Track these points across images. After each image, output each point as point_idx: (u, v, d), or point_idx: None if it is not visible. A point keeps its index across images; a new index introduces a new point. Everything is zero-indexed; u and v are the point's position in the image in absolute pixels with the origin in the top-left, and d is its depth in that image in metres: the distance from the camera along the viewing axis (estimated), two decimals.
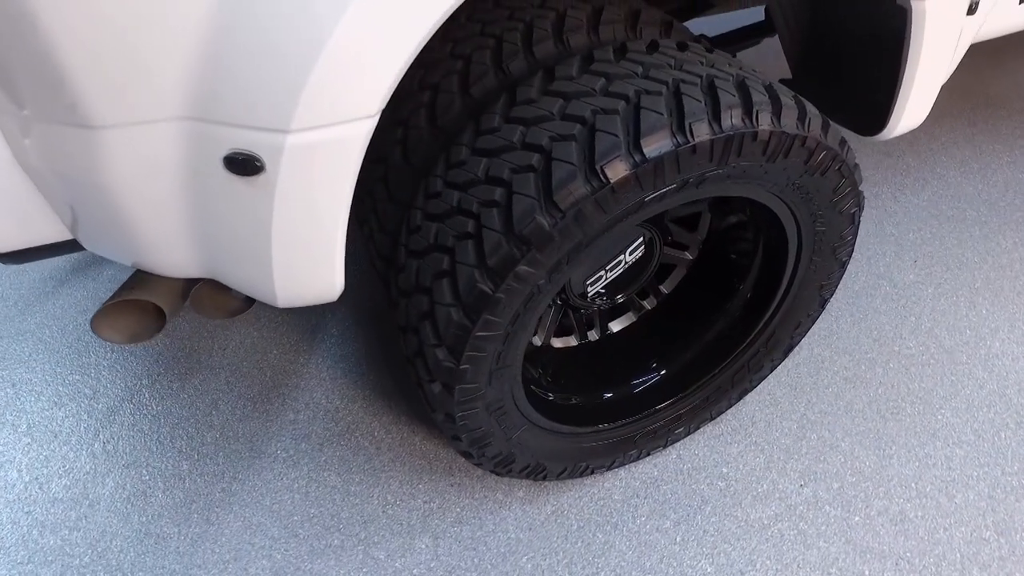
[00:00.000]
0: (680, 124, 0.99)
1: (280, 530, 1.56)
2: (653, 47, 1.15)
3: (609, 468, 1.60)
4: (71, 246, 1.15)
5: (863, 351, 1.91)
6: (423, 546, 1.53)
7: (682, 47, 1.18)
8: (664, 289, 1.70)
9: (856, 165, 1.26)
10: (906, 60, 1.26)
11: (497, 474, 1.44)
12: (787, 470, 1.65)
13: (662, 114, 1.00)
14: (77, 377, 1.91)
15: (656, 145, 0.98)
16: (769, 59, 2.94)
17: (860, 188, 1.29)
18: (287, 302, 1.07)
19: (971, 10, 1.24)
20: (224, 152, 0.88)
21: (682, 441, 1.70)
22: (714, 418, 1.68)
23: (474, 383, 1.15)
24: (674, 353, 1.61)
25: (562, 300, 1.50)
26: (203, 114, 0.87)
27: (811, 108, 1.13)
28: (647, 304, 1.71)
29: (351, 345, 1.97)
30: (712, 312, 1.61)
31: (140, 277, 1.30)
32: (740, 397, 1.67)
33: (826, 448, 1.69)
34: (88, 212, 1.03)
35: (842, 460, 1.66)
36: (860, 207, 1.32)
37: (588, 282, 1.45)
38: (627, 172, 0.98)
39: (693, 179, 1.05)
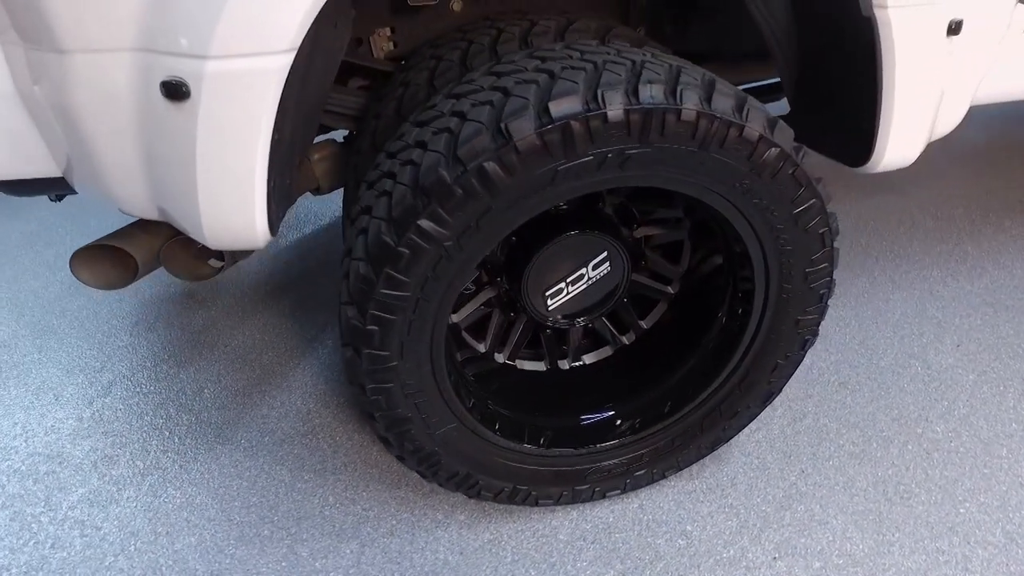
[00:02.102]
0: (593, 92, 0.99)
1: (217, 512, 1.55)
2: (602, 42, 1.18)
3: (557, 503, 1.48)
4: (61, 184, 1.28)
5: (878, 428, 1.69)
6: (348, 551, 1.46)
7: (637, 45, 1.19)
8: (644, 324, 1.62)
9: (819, 179, 1.18)
10: (882, 79, 1.20)
11: (424, 477, 1.37)
12: (762, 539, 1.44)
13: (577, 83, 1.00)
14: (94, 352, 2.05)
15: (563, 107, 0.98)
16: None
17: (828, 208, 1.21)
18: (215, 240, 1.13)
19: (953, 30, 1.17)
20: (161, 78, 0.98)
21: (647, 491, 1.55)
22: (681, 467, 1.52)
23: (383, 351, 1.13)
24: (630, 390, 1.50)
25: (525, 313, 1.46)
26: (148, 45, 0.98)
27: (755, 102, 1.09)
28: (626, 339, 1.63)
29: (341, 357, 2.00)
30: (685, 350, 1.51)
31: (124, 230, 1.42)
32: (713, 448, 1.51)
33: (813, 523, 1.47)
34: (69, 143, 1.16)
35: (830, 538, 1.44)
36: (831, 228, 1.22)
37: (548, 293, 1.41)
38: (531, 132, 0.98)
39: (613, 156, 1.03)
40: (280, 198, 1.20)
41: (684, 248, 1.54)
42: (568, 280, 1.41)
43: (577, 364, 1.62)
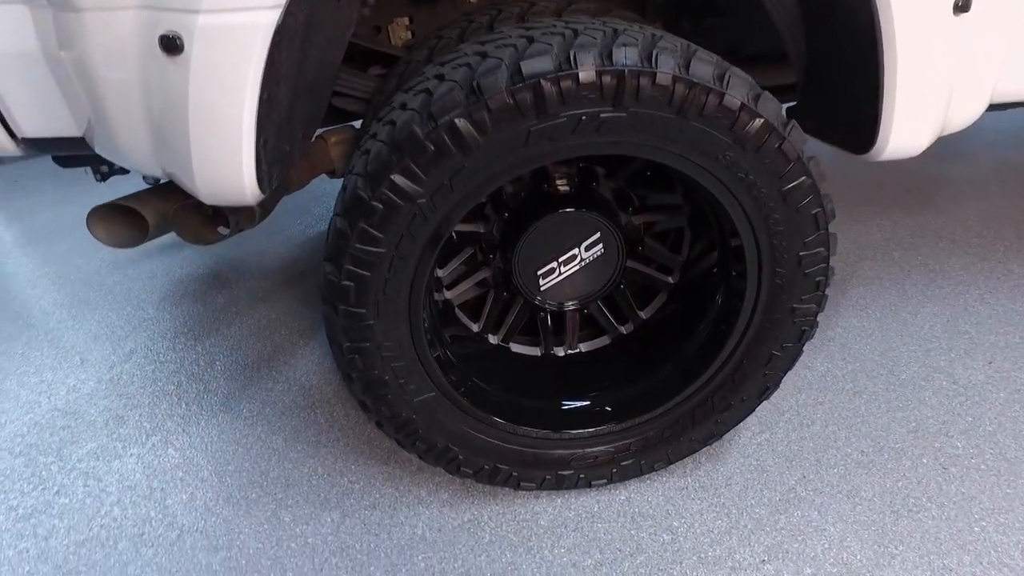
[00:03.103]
0: (566, 53, 0.99)
1: (210, 473, 1.59)
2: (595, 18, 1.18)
3: (540, 487, 1.45)
4: (81, 144, 1.37)
5: (891, 439, 1.59)
6: (329, 519, 1.47)
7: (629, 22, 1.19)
8: (643, 315, 1.59)
9: (812, 158, 1.14)
10: (883, 57, 1.16)
11: (402, 446, 1.37)
12: (751, 541, 1.37)
13: (551, 45, 1.01)
14: (121, 323, 2.16)
15: (534, 66, 0.98)
16: None
17: (822, 188, 1.16)
18: (207, 194, 1.17)
19: (961, 7, 1.12)
20: (160, 32, 1.04)
21: (636, 484, 1.50)
22: (672, 460, 1.47)
23: (359, 308, 1.15)
24: (618, 378, 1.47)
25: (520, 295, 1.45)
26: (150, 1, 1.05)
27: (738, 71, 1.07)
28: (624, 329, 1.60)
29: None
30: (680, 338, 1.47)
31: (139, 193, 1.50)
32: (706, 442, 1.46)
33: (809, 529, 1.39)
34: (87, 102, 1.24)
35: (826, 546, 1.36)
36: (824, 210, 1.17)
37: (540, 272, 1.41)
38: (502, 89, 0.99)
39: (587, 119, 1.03)
40: (275, 161, 1.24)
41: (684, 237, 1.52)
42: (560, 260, 1.40)
43: (573, 352, 1.60)
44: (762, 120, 1.06)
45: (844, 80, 1.29)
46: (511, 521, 1.44)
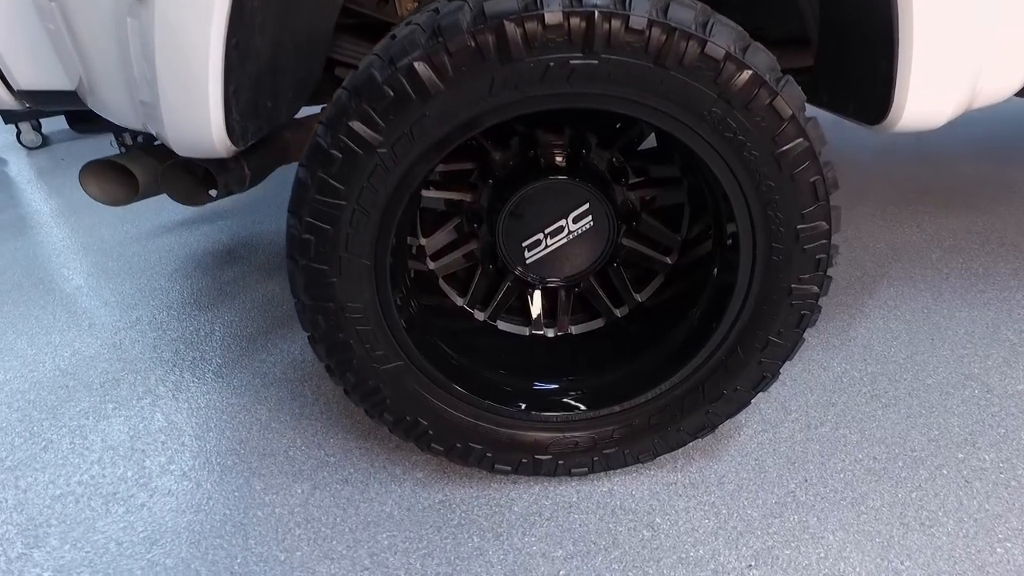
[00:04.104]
0: None
1: (191, 438, 1.58)
2: None
3: (516, 471, 1.38)
4: (74, 98, 1.38)
5: (908, 447, 1.45)
6: (300, 491, 1.43)
7: None
8: (639, 298, 1.50)
9: (811, 119, 1.04)
10: (897, 9, 1.05)
11: (370, 416, 1.31)
12: (739, 544, 1.26)
13: None
14: (132, 292, 2.19)
15: (497, 7, 0.92)
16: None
17: (821, 154, 1.06)
18: (177, 143, 1.15)
19: None
20: None
21: (621, 476, 1.41)
22: (659, 452, 1.37)
23: (320, 264, 1.11)
24: (600, 363, 1.39)
25: (505, 264, 1.39)
26: None
27: (723, 19, 0.98)
28: (619, 312, 1.52)
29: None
30: (671, 323, 1.37)
31: (132, 152, 1.51)
32: (696, 434, 1.35)
33: (806, 535, 1.27)
34: (76, 54, 1.25)
35: (821, 554, 1.23)
36: (824, 178, 1.07)
37: (525, 244, 1.34)
38: (463, 30, 0.93)
39: (555, 66, 0.96)
40: (251, 114, 1.22)
41: (684, 215, 1.42)
42: (547, 232, 1.34)
43: (562, 334, 1.53)
44: (750, 72, 0.97)
45: (856, 38, 1.18)
46: (483, 505, 1.37)
